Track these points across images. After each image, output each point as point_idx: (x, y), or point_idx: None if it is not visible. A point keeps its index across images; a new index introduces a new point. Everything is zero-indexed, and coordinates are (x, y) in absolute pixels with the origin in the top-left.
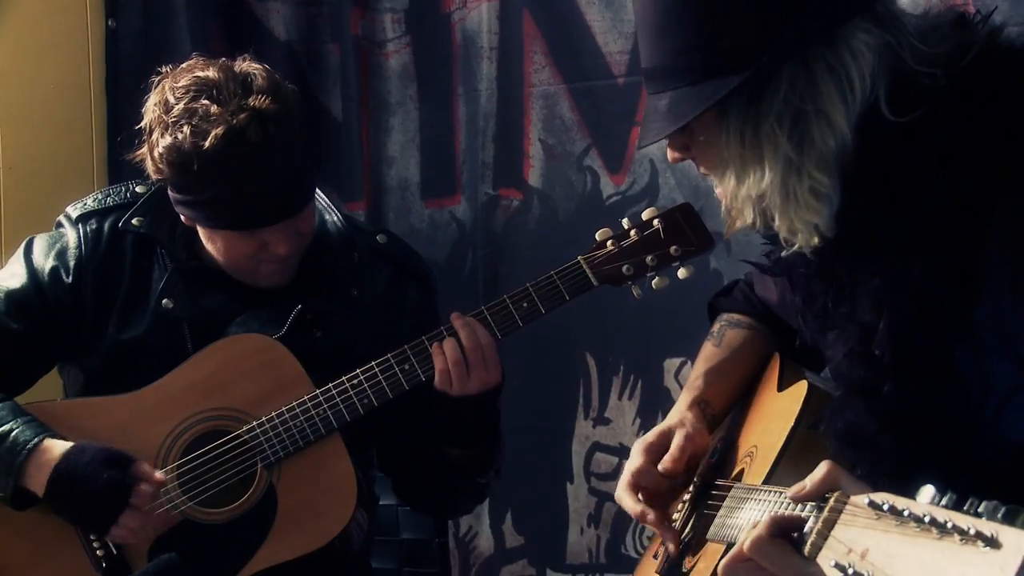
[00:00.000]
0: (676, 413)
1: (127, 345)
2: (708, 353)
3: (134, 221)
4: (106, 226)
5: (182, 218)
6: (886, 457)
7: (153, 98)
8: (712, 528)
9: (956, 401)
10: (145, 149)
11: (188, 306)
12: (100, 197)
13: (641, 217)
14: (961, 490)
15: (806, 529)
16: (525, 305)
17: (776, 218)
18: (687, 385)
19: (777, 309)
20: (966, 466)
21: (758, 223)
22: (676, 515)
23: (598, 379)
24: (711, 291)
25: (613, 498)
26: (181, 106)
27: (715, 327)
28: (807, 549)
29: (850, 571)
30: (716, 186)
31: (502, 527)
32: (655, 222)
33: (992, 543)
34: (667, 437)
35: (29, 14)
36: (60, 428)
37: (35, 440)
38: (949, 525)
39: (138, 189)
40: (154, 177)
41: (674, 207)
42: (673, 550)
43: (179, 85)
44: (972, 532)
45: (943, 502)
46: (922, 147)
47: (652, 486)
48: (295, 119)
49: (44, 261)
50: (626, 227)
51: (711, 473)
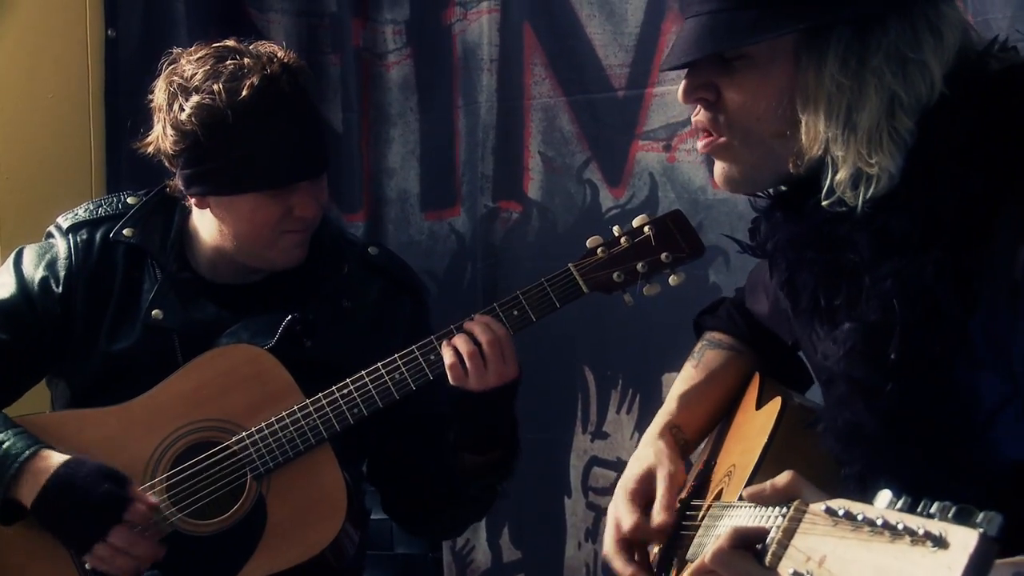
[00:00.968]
0: (647, 444)
1: (117, 356)
2: (686, 374)
3: (125, 232)
4: (97, 236)
5: (192, 201)
6: (885, 456)
7: (164, 77)
8: (691, 548)
9: (955, 406)
10: (160, 127)
11: (178, 317)
12: (91, 207)
13: (632, 224)
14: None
15: (768, 540)
16: (516, 313)
17: (848, 158)
18: (663, 406)
19: (769, 322)
20: (963, 469)
21: (801, 167)
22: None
23: (596, 393)
24: None
25: None
26: (205, 69)
27: (696, 347)
28: (768, 559)
29: None
30: (743, 127)
31: (499, 541)
32: (646, 229)
33: (940, 543)
34: (649, 480)
35: (28, 23)
36: (49, 441)
37: (28, 451)
38: (900, 527)
39: (129, 200)
40: (171, 151)
41: (665, 214)
42: None
43: (196, 57)
44: (921, 533)
45: (898, 505)
46: (960, 135)
47: (646, 539)
48: (314, 83)
49: (34, 271)
50: (617, 234)
51: (692, 495)
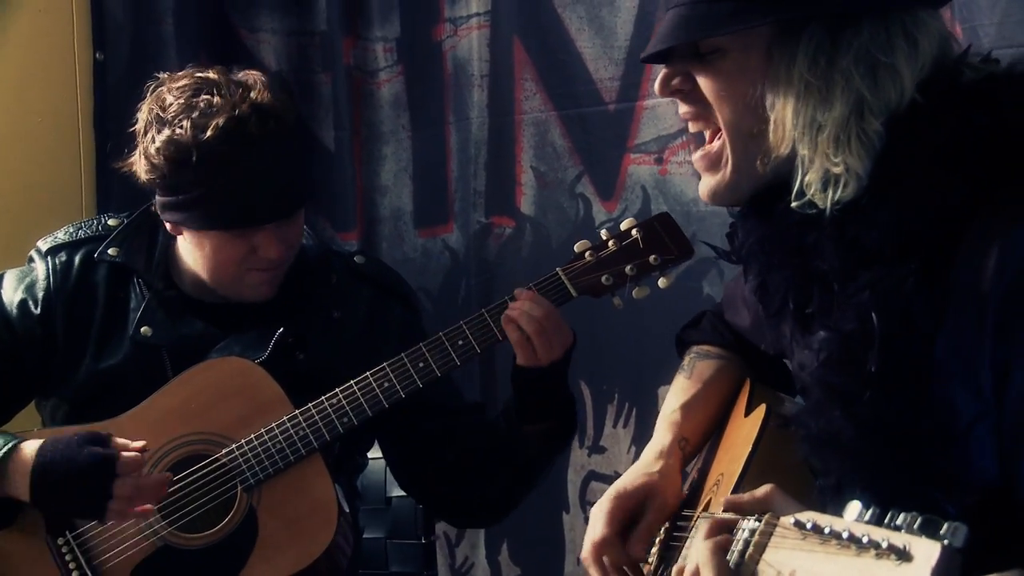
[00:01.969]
0: (657, 458)
1: (106, 373)
2: (681, 386)
3: (110, 251)
4: (76, 258)
5: (167, 226)
6: (860, 465)
7: (148, 102)
8: (679, 559)
9: (932, 418)
10: (137, 152)
11: (167, 333)
12: (71, 230)
13: (620, 227)
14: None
15: (741, 555)
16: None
17: (815, 159)
18: (665, 418)
19: (748, 333)
20: (939, 481)
21: (768, 166)
22: (653, 549)
23: (593, 407)
24: None
25: None
26: (180, 102)
27: (685, 360)
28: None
29: None
30: (712, 123)
31: (498, 558)
32: (633, 232)
33: (903, 555)
34: (639, 502)
35: (16, 47)
36: None
37: (7, 446)
38: (865, 540)
39: (110, 222)
40: (144, 179)
41: (653, 216)
42: None
43: (177, 85)
44: (885, 546)
45: (866, 517)
46: (932, 144)
47: (616, 559)
48: (294, 121)
49: (13, 295)
50: (604, 237)
51: (684, 504)
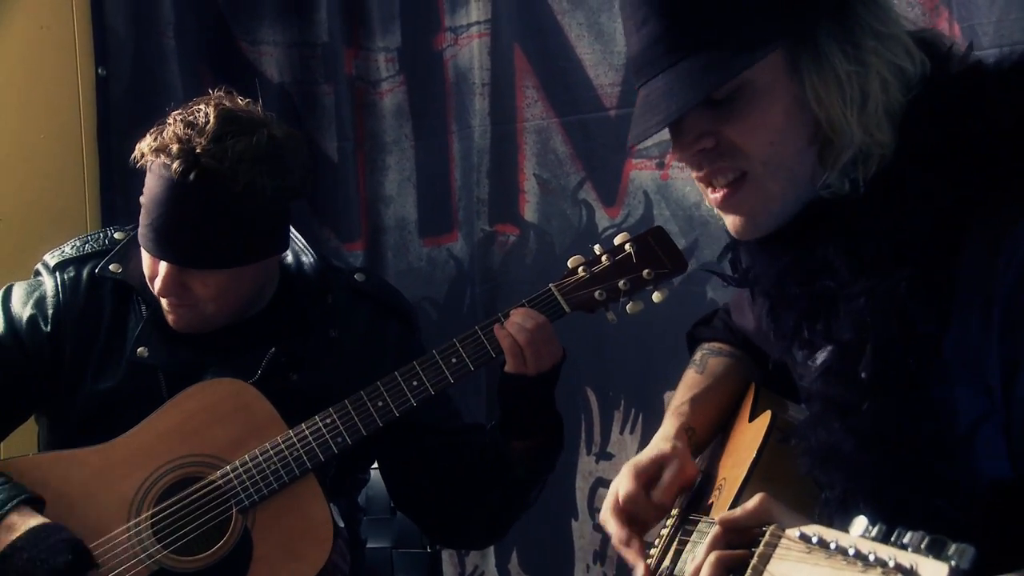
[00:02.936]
0: (666, 439)
1: (103, 395)
2: (691, 380)
3: (111, 267)
4: (84, 274)
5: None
6: (864, 477)
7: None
8: (679, 564)
9: (932, 424)
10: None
11: (163, 354)
12: (78, 244)
13: (613, 242)
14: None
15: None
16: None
17: (855, 137)
18: (673, 409)
19: (754, 337)
20: (942, 488)
21: (837, 164)
22: (653, 550)
23: (599, 413)
24: None
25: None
26: (182, 115)
27: (697, 355)
28: None
29: None
30: (762, 154)
31: (508, 566)
32: (627, 246)
33: (910, 575)
34: (659, 464)
35: (19, 63)
36: (34, 483)
37: (10, 504)
38: (872, 558)
39: (116, 235)
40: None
41: (646, 231)
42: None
43: (193, 106)
44: (892, 564)
45: (872, 534)
46: (927, 146)
47: (639, 513)
48: (239, 191)
49: (22, 310)
50: (598, 253)
51: (688, 507)
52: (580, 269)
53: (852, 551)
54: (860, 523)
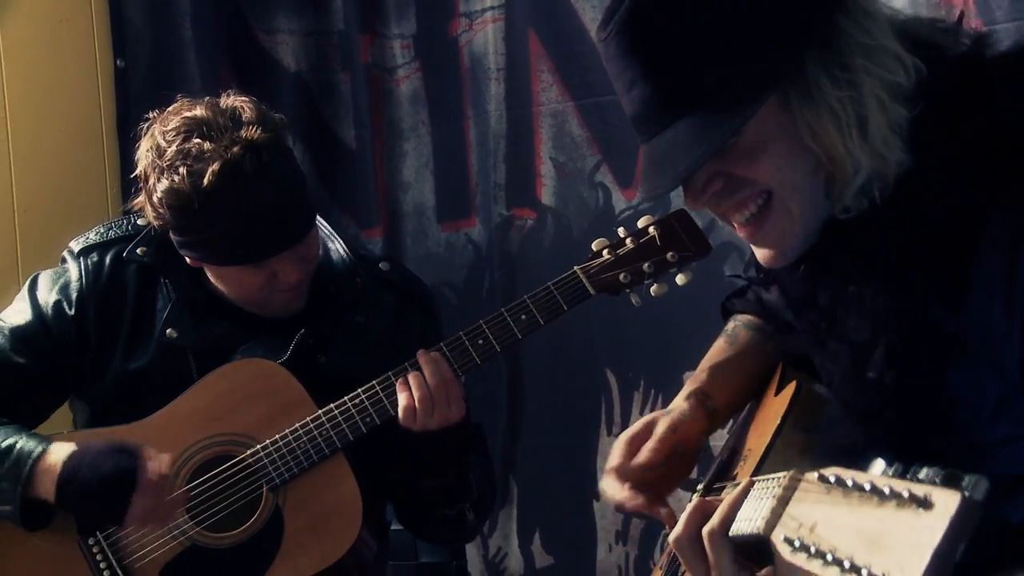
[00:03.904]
0: (674, 405)
1: (133, 375)
2: (716, 349)
3: (138, 251)
4: (108, 258)
5: (187, 260)
6: None
7: (144, 144)
8: None
9: (947, 422)
10: (143, 196)
11: (192, 335)
12: (102, 230)
13: (637, 225)
14: None
15: (757, 511)
16: (524, 317)
17: (863, 160)
18: (691, 376)
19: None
20: None
21: (846, 198)
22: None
23: (619, 394)
24: None
25: (640, 514)
26: (174, 148)
27: (729, 326)
28: (760, 527)
29: (796, 544)
30: (780, 183)
31: (531, 547)
32: (651, 229)
33: (924, 504)
34: (648, 427)
35: (39, 57)
36: None
37: (40, 448)
38: (887, 491)
39: (140, 222)
40: (155, 224)
41: (670, 214)
42: (668, 525)
43: (169, 128)
44: (906, 496)
45: (890, 472)
46: (944, 142)
47: (636, 479)
48: (287, 146)
49: (48, 296)
50: (622, 236)
51: (714, 479)
52: (605, 252)
53: (868, 487)
54: (878, 463)
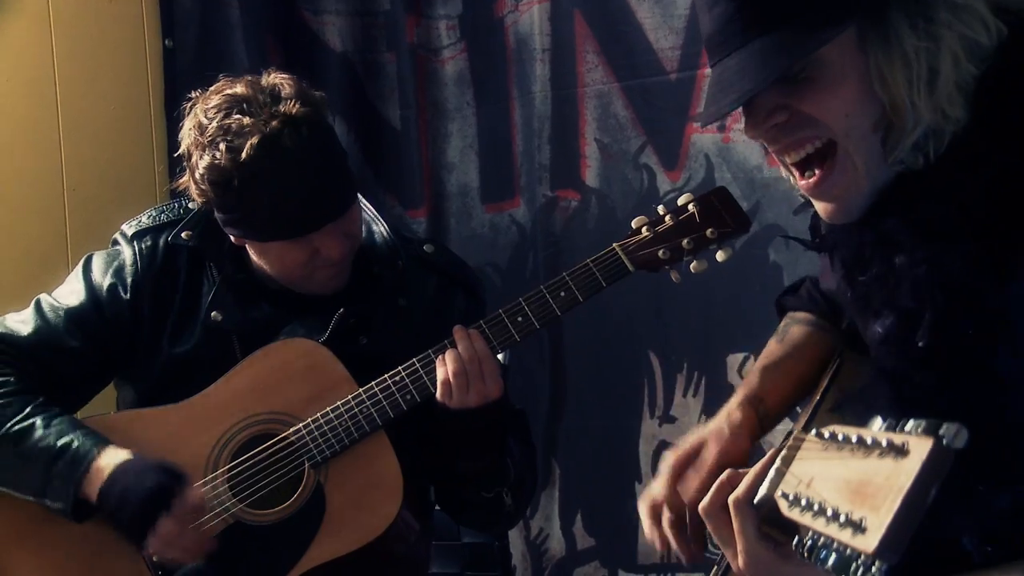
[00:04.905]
0: (723, 415)
1: (180, 358)
2: (769, 350)
3: (183, 235)
4: (160, 242)
5: (231, 238)
6: None
7: (187, 123)
8: None
9: (994, 400)
10: (187, 175)
11: (236, 318)
12: (154, 214)
13: (676, 202)
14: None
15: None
16: (563, 294)
17: (926, 117)
18: (743, 382)
19: (837, 299)
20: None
21: (902, 151)
22: None
23: (662, 377)
24: (770, 284)
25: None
26: (215, 124)
27: (781, 325)
28: (766, 487)
29: (793, 499)
30: (845, 127)
31: (573, 529)
32: (690, 206)
33: (901, 452)
34: (697, 450)
35: (88, 37)
36: (114, 440)
37: (96, 450)
38: (870, 442)
39: (191, 205)
40: (199, 201)
41: (709, 191)
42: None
43: (210, 106)
44: (885, 444)
45: (884, 427)
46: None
47: (678, 510)
48: (327, 122)
49: (103, 279)
50: (661, 212)
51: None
52: (644, 229)
53: (856, 439)
54: (877, 421)
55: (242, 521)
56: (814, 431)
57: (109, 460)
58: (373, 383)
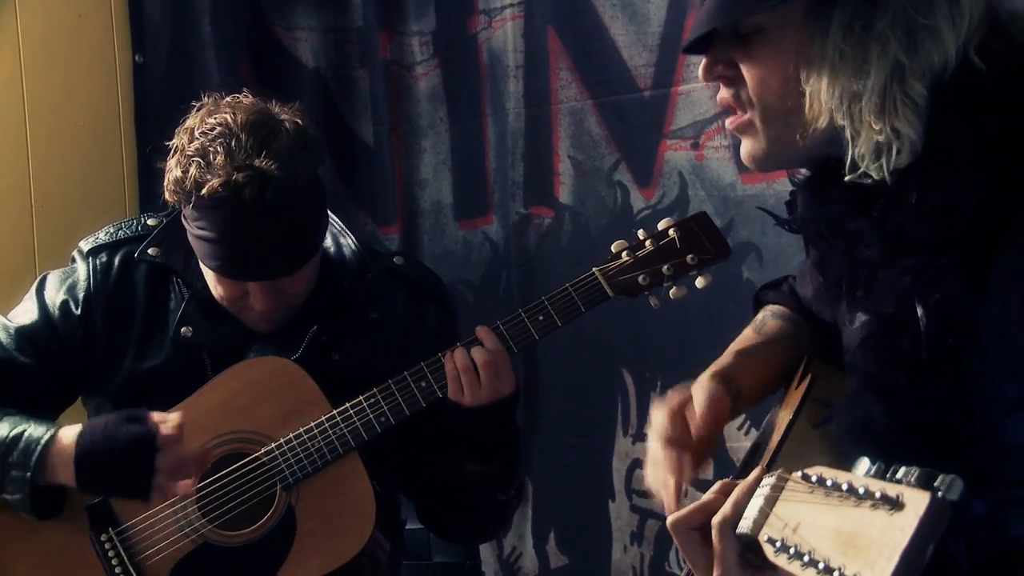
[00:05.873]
0: (696, 384)
1: (147, 374)
2: (744, 336)
3: (150, 251)
4: (116, 259)
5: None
6: (897, 455)
7: (189, 120)
8: None
9: (968, 408)
10: (168, 166)
11: (207, 333)
12: (112, 231)
13: (657, 227)
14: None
15: (749, 509)
16: (541, 318)
17: (860, 130)
18: (714, 362)
19: (810, 305)
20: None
21: (807, 140)
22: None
23: (636, 395)
24: (745, 303)
25: (655, 515)
26: (198, 144)
27: (758, 316)
28: (749, 526)
29: (779, 545)
30: (760, 102)
31: (546, 547)
32: (671, 232)
33: (896, 505)
34: (687, 401)
35: (58, 52)
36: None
37: (49, 433)
38: (863, 491)
39: (150, 222)
40: (166, 193)
41: (689, 216)
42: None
43: (208, 122)
44: (879, 496)
45: (872, 472)
46: (979, 120)
47: (692, 449)
48: (305, 187)
49: (55, 295)
50: (641, 237)
51: (737, 478)
52: (624, 254)
53: (846, 487)
54: (863, 463)
55: (211, 542)
56: (799, 473)
57: (68, 438)
58: (347, 405)
